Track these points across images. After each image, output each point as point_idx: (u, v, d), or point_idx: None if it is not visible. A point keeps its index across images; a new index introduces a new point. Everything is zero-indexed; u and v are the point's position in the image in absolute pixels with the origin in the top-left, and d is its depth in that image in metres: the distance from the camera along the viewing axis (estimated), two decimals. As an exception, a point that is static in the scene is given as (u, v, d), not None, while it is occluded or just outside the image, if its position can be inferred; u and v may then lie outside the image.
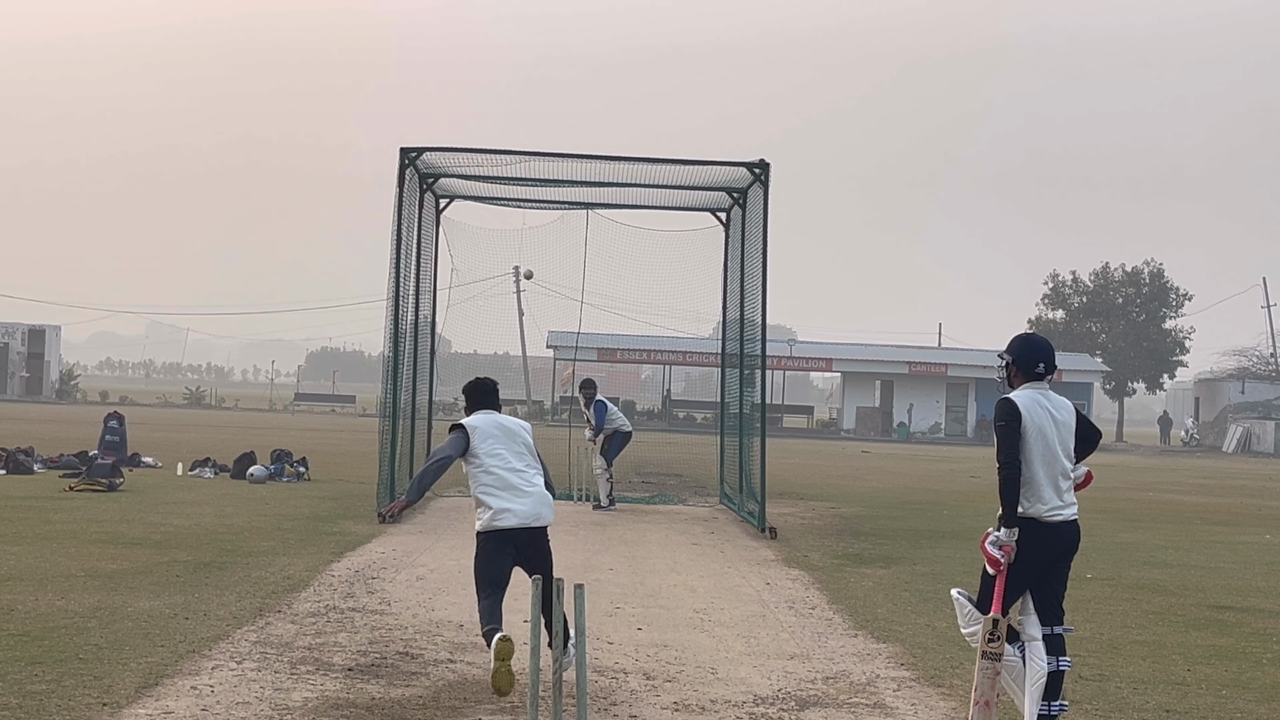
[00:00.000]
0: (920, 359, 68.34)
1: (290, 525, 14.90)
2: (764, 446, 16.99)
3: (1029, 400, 6.86)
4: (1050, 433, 6.79)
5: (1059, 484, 6.78)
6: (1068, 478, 6.84)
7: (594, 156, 17.53)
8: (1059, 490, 6.78)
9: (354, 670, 7.83)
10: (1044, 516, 6.74)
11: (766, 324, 17.56)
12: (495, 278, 30.44)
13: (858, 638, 9.52)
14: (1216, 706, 7.76)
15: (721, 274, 20.91)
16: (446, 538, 14.51)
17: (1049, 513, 6.74)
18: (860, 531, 16.91)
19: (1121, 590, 12.38)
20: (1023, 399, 6.87)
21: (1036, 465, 6.73)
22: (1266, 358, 71.56)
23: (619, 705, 7.28)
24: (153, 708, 6.79)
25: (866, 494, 23.85)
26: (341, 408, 72.57)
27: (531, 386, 75.39)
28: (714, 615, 10.22)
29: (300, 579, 11.07)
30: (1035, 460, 6.73)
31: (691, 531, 16.30)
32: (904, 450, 48.74)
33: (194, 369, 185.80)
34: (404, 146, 16.92)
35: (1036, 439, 6.75)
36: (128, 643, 8.25)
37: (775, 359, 54.93)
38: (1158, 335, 70.92)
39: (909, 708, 7.45)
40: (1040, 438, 6.76)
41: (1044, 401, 6.90)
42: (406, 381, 18.12)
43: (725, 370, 21.27)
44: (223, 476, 21.40)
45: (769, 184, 17.21)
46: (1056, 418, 6.87)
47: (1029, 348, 7.04)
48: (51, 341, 68.63)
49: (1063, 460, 6.80)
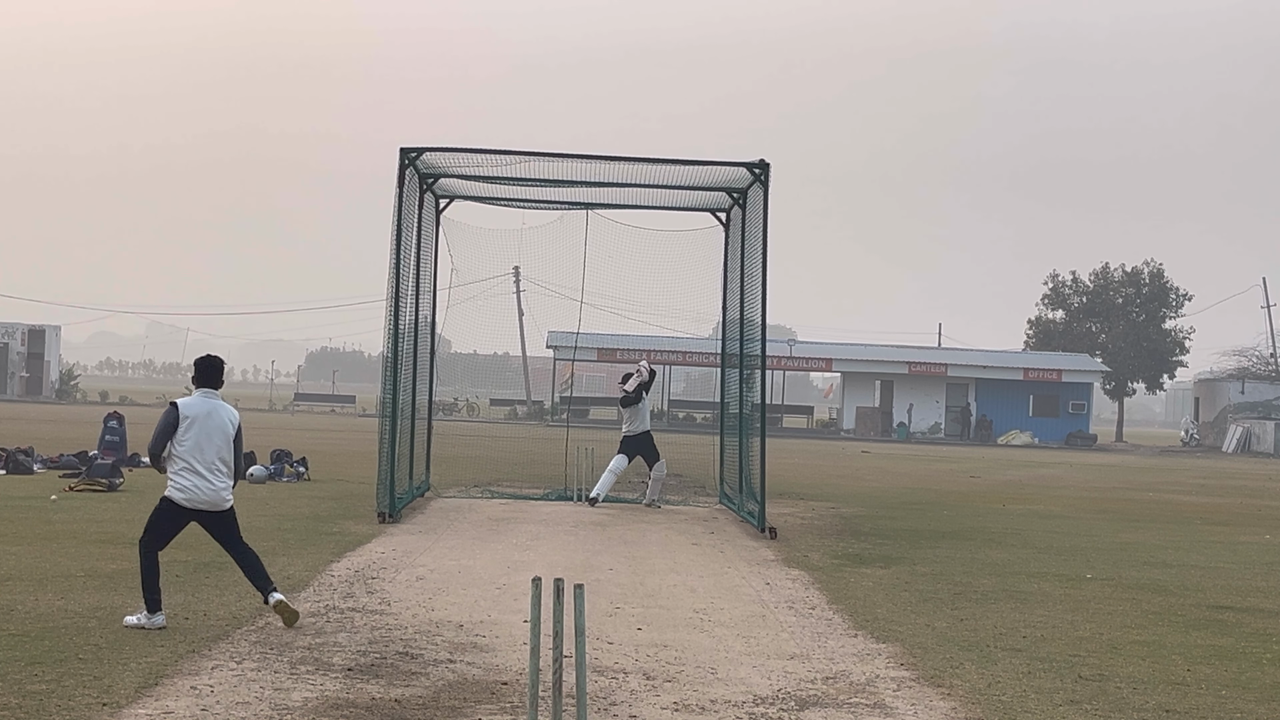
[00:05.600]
0: (920, 359, 68.36)
1: (290, 525, 14.90)
2: (764, 447, 16.99)
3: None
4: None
5: None
6: None
7: (594, 157, 17.53)
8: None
9: (354, 670, 7.83)
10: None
11: (766, 324, 17.56)
12: (495, 278, 30.45)
13: (858, 638, 9.52)
14: (1216, 706, 7.76)
15: (721, 274, 20.91)
16: (446, 538, 14.51)
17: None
18: (860, 531, 16.91)
19: (1121, 590, 12.38)
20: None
21: None
22: (1266, 358, 71.57)
23: (619, 705, 7.28)
24: (153, 708, 6.80)
25: (866, 494, 23.85)
26: (341, 408, 72.57)
27: (532, 387, 75.41)
28: (714, 615, 10.22)
29: (300, 579, 11.07)
30: None
31: (691, 531, 16.30)
32: (904, 450, 48.74)
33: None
34: (404, 147, 16.92)
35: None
36: (128, 643, 8.25)
37: (775, 359, 54.94)
38: (1158, 335, 70.92)
39: (909, 708, 7.45)
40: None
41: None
42: (406, 381, 18.12)
43: (725, 370, 21.26)
44: (223, 476, 21.38)
45: (769, 184, 17.21)
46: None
47: None
48: (51, 341, 68.63)
49: None
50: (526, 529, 15.70)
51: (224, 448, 9.27)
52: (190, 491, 9.14)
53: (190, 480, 9.13)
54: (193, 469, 9.13)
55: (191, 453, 9.13)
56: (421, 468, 19.81)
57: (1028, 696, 7.81)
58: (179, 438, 9.14)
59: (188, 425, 9.14)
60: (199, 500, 9.18)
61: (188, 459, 9.14)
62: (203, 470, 9.16)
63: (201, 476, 9.15)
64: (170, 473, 9.17)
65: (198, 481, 9.14)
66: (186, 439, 9.14)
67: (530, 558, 13.07)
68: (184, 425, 9.14)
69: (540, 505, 19.00)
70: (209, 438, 9.18)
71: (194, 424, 9.15)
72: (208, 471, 9.18)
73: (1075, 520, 19.95)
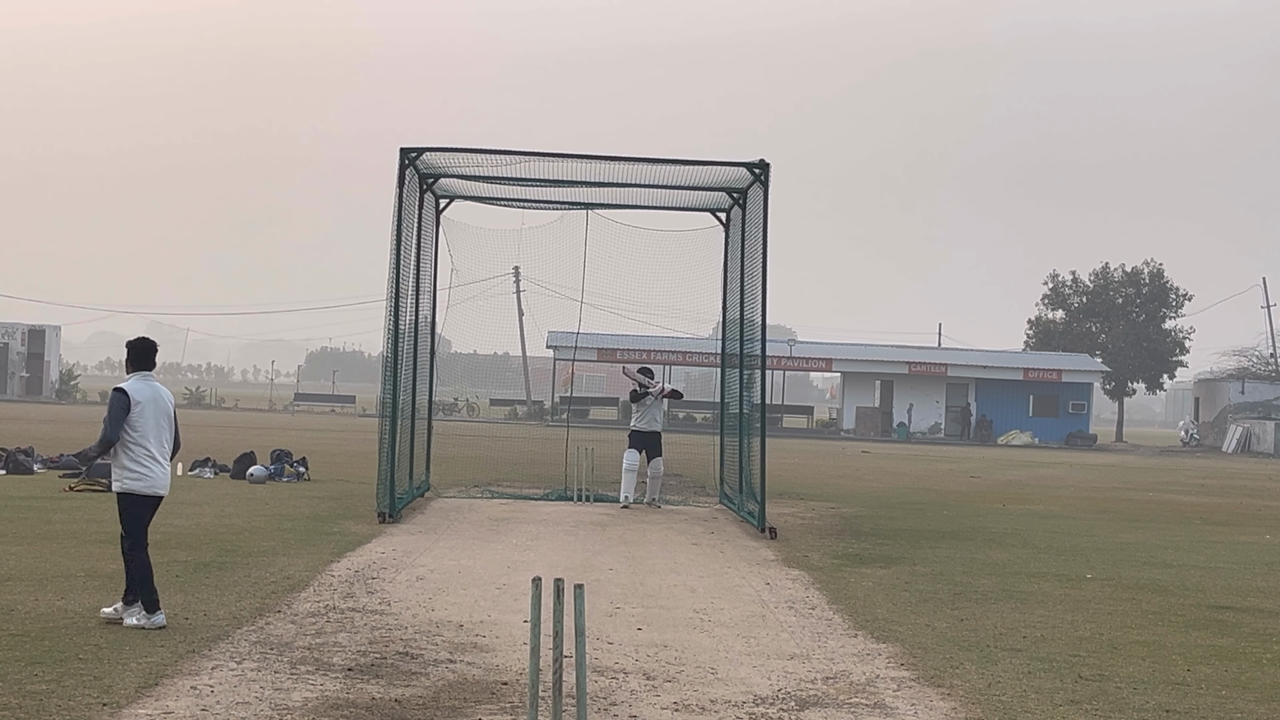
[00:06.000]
0: (920, 359, 68.37)
1: (290, 525, 14.90)
2: (764, 447, 16.99)
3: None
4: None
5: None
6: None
7: (594, 157, 17.53)
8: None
9: (354, 670, 7.83)
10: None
11: (766, 324, 17.56)
12: (495, 278, 30.43)
13: (858, 638, 9.52)
14: (1216, 706, 7.76)
15: (721, 274, 20.91)
16: (446, 538, 14.51)
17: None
18: (860, 531, 16.92)
19: (1121, 590, 12.38)
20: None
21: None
22: (1266, 358, 71.59)
23: (619, 705, 7.28)
24: (153, 708, 6.80)
25: (866, 494, 23.86)
26: (341, 408, 72.55)
27: (532, 387, 75.42)
28: (714, 615, 10.22)
29: (300, 579, 11.07)
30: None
31: (691, 531, 16.30)
32: (904, 450, 48.75)
33: (194, 369, 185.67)
34: (404, 147, 16.92)
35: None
36: (128, 643, 8.26)
37: (775, 359, 54.94)
38: (1157, 335, 70.93)
39: (909, 708, 7.45)
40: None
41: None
42: (406, 381, 18.12)
43: (725, 370, 21.26)
44: (222, 476, 21.41)
45: (769, 184, 17.21)
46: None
47: None
48: (51, 341, 68.66)
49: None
50: (526, 529, 15.70)
51: (168, 430, 9.21)
52: (150, 479, 9.05)
53: (149, 467, 9.03)
54: (152, 455, 9.04)
55: (147, 439, 9.02)
56: (421, 468, 19.82)
57: (1028, 696, 7.82)
58: (132, 424, 8.98)
59: (140, 411, 9.01)
60: (158, 487, 9.11)
61: (146, 445, 9.02)
62: (158, 456, 9.10)
63: (158, 463, 9.10)
64: (126, 462, 8.98)
65: (155, 468, 9.06)
66: (140, 425, 9.00)
67: (530, 558, 13.08)
68: (135, 411, 8.99)
69: (540, 505, 19.00)
70: (158, 422, 9.10)
71: (145, 409, 9.03)
72: (161, 457, 9.14)
73: (1075, 520, 19.95)
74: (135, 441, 9.01)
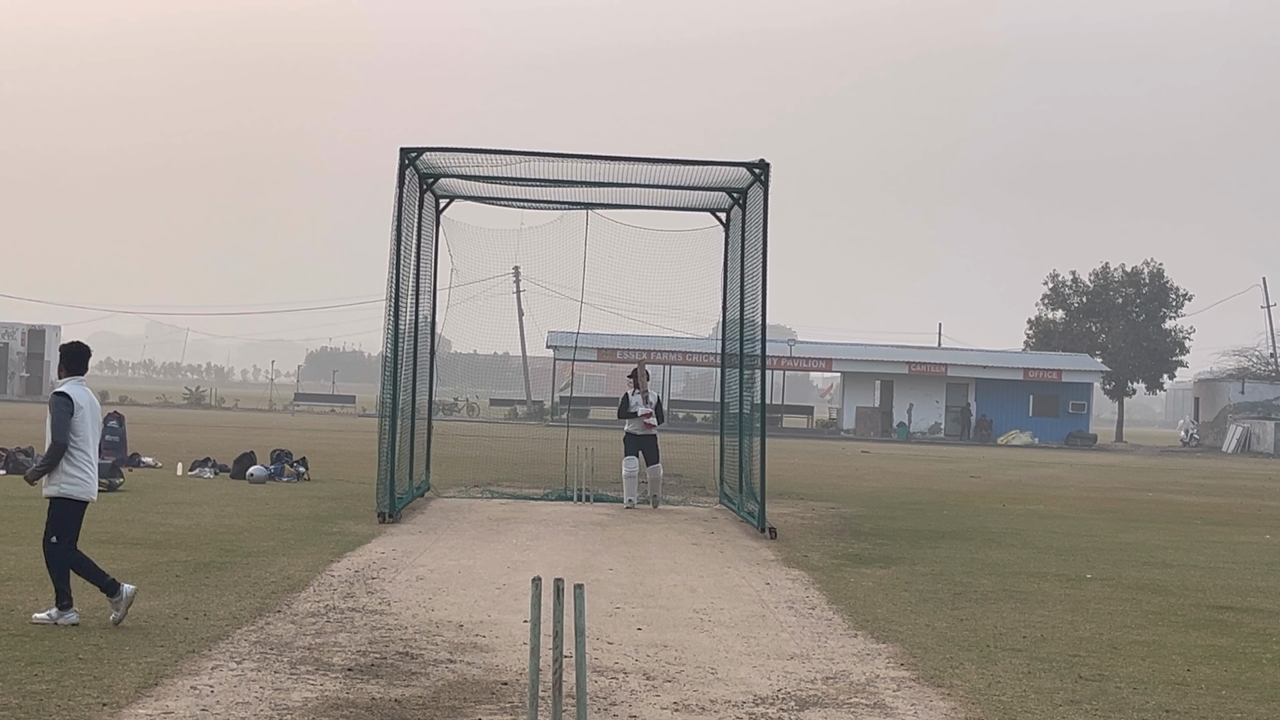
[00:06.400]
0: (920, 359, 68.37)
1: (290, 525, 14.90)
2: (764, 446, 16.99)
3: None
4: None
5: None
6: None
7: (594, 157, 17.53)
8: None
9: (354, 670, 7.83)
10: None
11: (766, 324, 17.56)
12: (495, 278, 30.46)
13: (858, 638, 9.52)
14: (1216, 706, 7.76)
15: (721, 274, 20.91)
16: (446, 538, 14.51)
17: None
18: (860, 531, 16.92)
19: (1121, 590, 12.38)
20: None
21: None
22: (1266, 358, 71.60)
23: (619, 705, 7.28)
24: (153, 708, 6.80)
25: (866, 494, 23.86)
26: (341, 408, 72.56)
27: (531, 387, 75.42)
28: (714, 615, 10.22)
29: (300, 579, 11.07)
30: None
31: (691, 531, 16.31)
32: (904, 450, 48.75)
33: (194, 369, 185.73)
34: (404, 147, 16.92)
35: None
36: (128, 643, 8.26)
37: (775, 359, 54.93)
38: (1157, 335, 70.95)
39: (909, 708, 7.45)
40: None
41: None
42: (406, 381, 18.12)
43: (725, 370, 21.26)
44: (222, 476, 21.41)
45: (769, 184, 17.21)
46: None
47: None
48: (51, 341, 68.55)
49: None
50: (526, 529, 15.71)
51: (97, 435, 9.19)
52: (88, 485, 9.01)
53: (88, 472, 8.99)
54: (90, 460, 9.00)
55: (87, 443, 8.97)
56: (421, 468, 19.82)
57: (1028, 696, 7.82)
58: (74, 429, 8.87)
59: (81, 416, 8.93)
60: (92, 492, 9.09)
61: (86, 450, 8.96)
62: (94, 461, 9.08)
63: (94, 467, 9.08)
64: (67, 467, 8.85)
65: (92, 473, 9.04)
66: (81, 430, 8.92)
67: (530, 558, 13.08)
68: (78, 416, 8.90)
69: (540, 505, 19.00)
70: (93, 427, 9.07)
71: (84, 414, 8.98)
72: (96, 462, 9.12)
73: (1075, 520, 19.95)
74: (77, 446, 8.91)
